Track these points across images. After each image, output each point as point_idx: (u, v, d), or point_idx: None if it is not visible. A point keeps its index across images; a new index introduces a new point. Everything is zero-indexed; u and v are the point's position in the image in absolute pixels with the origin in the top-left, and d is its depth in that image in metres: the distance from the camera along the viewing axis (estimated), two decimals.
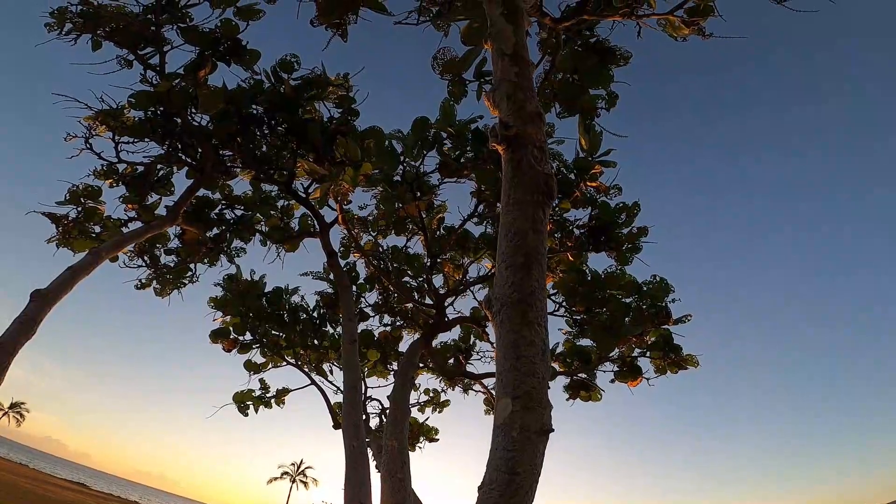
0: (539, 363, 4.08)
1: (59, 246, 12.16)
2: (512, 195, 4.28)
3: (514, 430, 3.74)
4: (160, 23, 11.23)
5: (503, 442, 3.67)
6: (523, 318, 4.12)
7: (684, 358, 11.98)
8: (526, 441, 3.69)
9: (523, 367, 4.00)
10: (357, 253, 12.97)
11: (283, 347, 14.83)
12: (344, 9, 10.14)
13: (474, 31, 9.71)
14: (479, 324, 12.75)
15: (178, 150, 12.14)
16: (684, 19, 9.60)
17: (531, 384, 3.95)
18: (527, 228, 4.13)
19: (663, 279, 11.98)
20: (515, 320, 4.12)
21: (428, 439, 16.90)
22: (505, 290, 4.18)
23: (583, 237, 11.37)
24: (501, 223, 4.31)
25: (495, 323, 4.31)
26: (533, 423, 3.75)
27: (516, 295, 4.14)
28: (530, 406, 3.85)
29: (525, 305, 4.13)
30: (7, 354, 8.40)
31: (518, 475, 3.50)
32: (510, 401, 3.91)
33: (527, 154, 4.36)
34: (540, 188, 4.24)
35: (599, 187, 10.81)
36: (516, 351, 4.05)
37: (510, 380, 3.98)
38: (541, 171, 4.32)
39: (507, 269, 4.14)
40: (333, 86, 11.75)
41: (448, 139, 10.73)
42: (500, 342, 4.15)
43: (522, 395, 3.88)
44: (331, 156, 11.27)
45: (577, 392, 12.99)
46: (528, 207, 4.18)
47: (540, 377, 4.03)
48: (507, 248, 4.17)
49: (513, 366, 4.02)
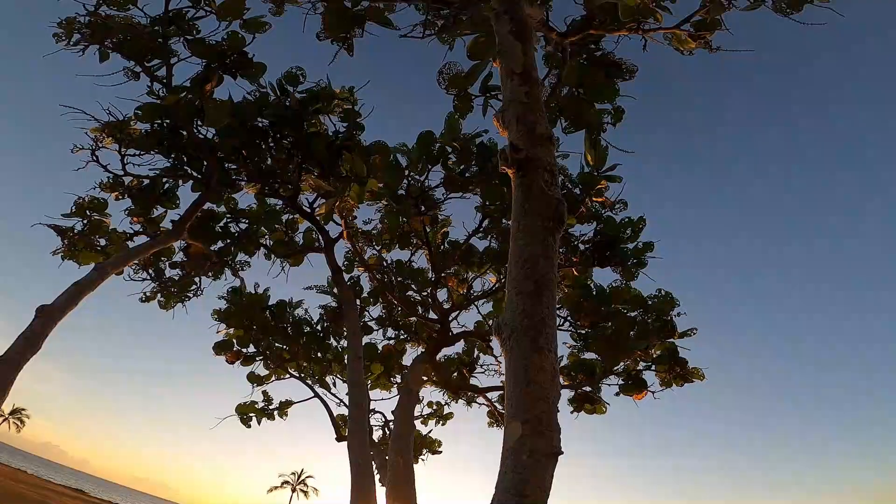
0: (549, 388, 4.07)
1: (64, 258, 12.16)
2: (522, 221, 4.26)
3: (524, 454, 3.73)
4: (167, 35, 11.24)
5: (512, 465, 3.66)
6: (533, 343, 4.10)
7: (690, 371, 11.92)
8: (535, 464, 3.68)
9: (533, 392, 3.99)
10: (361, 267, 12.96)
11: (286, 360, 14.78)
12: (350, 23, 10.15)
13: (480, 45, 9.71)
14: (484, 338, 12.70)
15: (184, 163, 12.13)
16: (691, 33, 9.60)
17: (541, 408, 3.94)
18: (537, 255, 4.11)
19: (668, 293, 11.94)
20: (525, 346, 4.10)
21: (431, 451, 16.83)
22: (515, 316, 4.15)
23: (588, 252, 11.33)
24: (511, 249, 4.28)
25: (505, 348, 4.29)
26: (543, 447, 3.75)
27: (526, 321, 4.12)
28: (540, 430, 3.84)
29: (535, 332, 4.11)
30: (12, 370, 8.39)
31: (527, 497, 3.49)
32: (520, 425, 3.90)
33: (537, 178, 4.34)
34: (550, 214, 4.22)
35: (605, 202, 10.78)
36: (526, 376, 4.03)
37: (520, 404, 3.96)
38: (551, 195, 4.31)
39: (518, 296, 4.12)
40: (339, 99, 11.75)
41: (453, 153, 10.72)
42: (510, 367, 4.13)
43: (532, 419, 3.87)
44: (336, 171, 11.25)
45: (582, 405, 12.92)
46: (538, 233, 4.16)
47: (550, 401, 4.02)
48: (517, 275, 4.15)
49: (523, 391, 4.01)
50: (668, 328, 11.79)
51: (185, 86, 11.47)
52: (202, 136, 11.86)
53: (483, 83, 10.02)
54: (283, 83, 11.71)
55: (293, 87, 11.68)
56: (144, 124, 11.89)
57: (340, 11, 9.99)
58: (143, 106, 11.52)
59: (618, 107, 10.37)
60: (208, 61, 11.40)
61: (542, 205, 4.24)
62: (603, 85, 10.25)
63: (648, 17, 9.63)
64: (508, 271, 4.28)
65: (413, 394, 10.57)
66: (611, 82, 10.30)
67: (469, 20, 9.86)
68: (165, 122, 11.85)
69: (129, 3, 11.18)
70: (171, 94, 11.10)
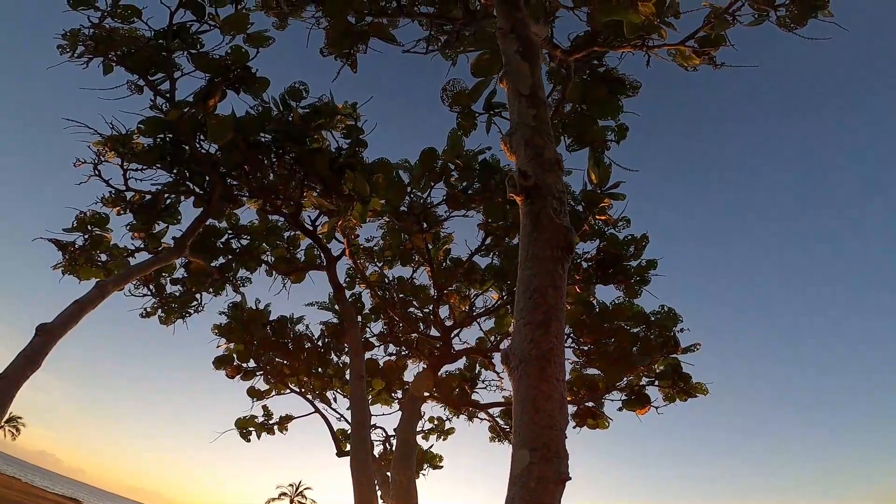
0: (557, 416, 4.05)
1: (64, 273, 12.10)
2: (530, 250, 4.22)
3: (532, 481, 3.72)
4: (171, 49, 11.25)
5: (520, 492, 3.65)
6: (542, 373, 4.08)
7: (693, 386, 11.86)
8: (543, 490, 3.68)
9: (541, 421, 3.97)
10: (363, 284, 12.91)
11: (286, 375, 14.71)
12: (354, 40, 10.15)
13: (484, 62, 9.70)
14: (485, 355, 12.63)
15: (186, 178, 12.10)
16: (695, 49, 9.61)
17: (549, 436, 3.92)
18: (546, 286, 4.07)
19: (671, 309, 11.89)
20: (534, 375, 4.08)
21: (432, 466, 16.73)
22: (524, 346, 4.12)
23: (590, 270, 11.29)
24: (520, 277, 4.24)
25: (513, 377, 4.26)
26: (551, 474, 3.73)
27: (535, 351, 4.09)
28: (548, 457, 3.82)
29: (544, 361, 4.08)
30: (11, 387, 8.34)
31: None
32: (528, 452, 3.88)
33: (546, 206, 4.30)
34: (559, 243, 4.18)
35: (608, 220, 10.74)
36: (535, 405, 4.01)
37: (528, 432, 3.94)
38: (560, 224, 4.27)
39: (526, 327, 4.08)
40: (341, 115, 11.73)
41: (455, 171, 10.69)
42: (518, 395, 4.11)
43: (540, 446, 3.85)
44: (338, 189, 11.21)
45: (584, 420, 12.85)
46: (547, 263, 4.12)
47: (558, 429, 4.00)
48: (525, 305, 4.10)
49: (531, 419, 3.99)
50: (672, 344, 11.74)
51: (188, 101, 11.47)
52: (204, 152, 11.84)
53: (487, 100, 10.00)
54: (286, 98, 11.70)
55: (296, 102, 11.67)
56: (147, 139, 11.87)
57: (344, 26, 10.00)
58: (146, 120, 11.51)
59: (621, 124, 10.36)
60: (212, 76, 11.41)
61: (550, 233, 4.20)
62: (606, 101, 10.24)
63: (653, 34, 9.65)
64: (517, 300, 4.24)
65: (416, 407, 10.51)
66: (614, 98, 10.30)
67: (473, 36, 9.87)
68: (168, 137, 11.83)
69: (133, 16, 11.22)
70: (174, 109, 11.08)
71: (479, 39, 9.69)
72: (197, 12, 11.02)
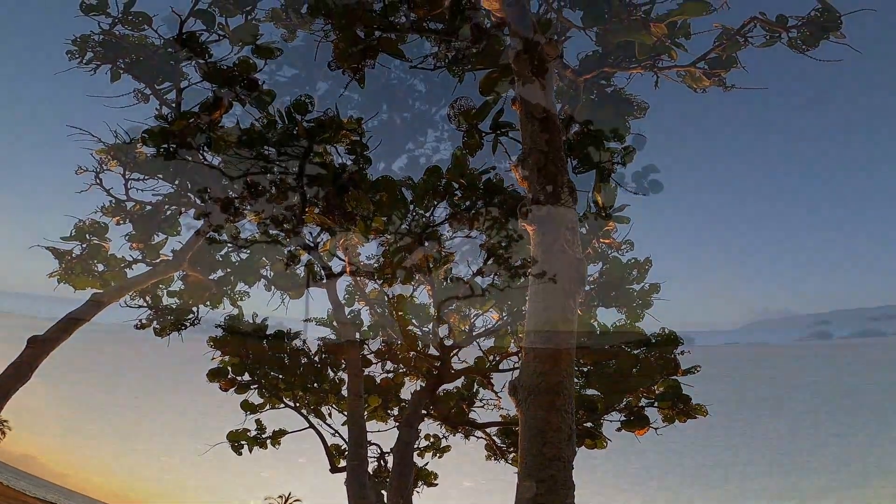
0: (565, 448, 4.01)
1: (60, 281, 11.90)
2: (542, 281, 4.13)
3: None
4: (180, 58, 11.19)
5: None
6: (551, 406, 4.02)
7: (693, 407, 11.75)
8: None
9: (549, 453, 3.93)
10: (362, 301, 12.75)
11: (281, 389, 14.49)
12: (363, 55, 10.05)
13: (492, 81, 9.61)
14: (485, 374, 12.48)
15: (188, 190, 11.98)
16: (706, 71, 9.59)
17: (556, 468, 3.89)
18: (557, 320, 3.98)
19: (672, 332, 11.81)
20: (543, 407, 4.03)
21: (427, 484, 16.49)
22: (533, 379, 4.05)
23: (593, 293, 11.18)
24: (530, 309, 4.15)
25: (521, 409, 4.19)
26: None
27: (544, 385, 4.03)
28: (554, 489, 3.81)
29: (553, 394, 4.03)
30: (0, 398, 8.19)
31: None
32: (534, 484, 3.84)
33: (559, 238, 4.20)
34: (571, 275, 4.09)
35: (612, 244, 10.65)
36: (543, 437, 3.97)
37: (535, 464, 3.90)
38: (573, 255, 4.17)
39: (535, 360, 3.99)
40: (346, 130, 11.60)
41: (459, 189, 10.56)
42: (525, 425, 4.06)
43: (547, 478, 3.82)
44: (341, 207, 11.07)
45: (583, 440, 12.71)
46: (558, 297, 4.03)
47: (565, 461, 3.97)
48: (535, 338, 4.01)
49: (538, 451, 3.94)
50: (672, 366, 11.65)
51: (194, 111, 11.37)
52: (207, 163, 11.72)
53: (494, 120, 9.89)
54: (291, 111, 11.58)
55: (301, 115, 11.56)
56: (151, 148, 11.77)
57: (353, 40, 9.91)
58: (151, 129, 11.39)
59: (628, 146, 10.30)
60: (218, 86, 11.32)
61: (563, 266, 4.11)
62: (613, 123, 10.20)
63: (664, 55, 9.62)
64: (526, 332, 4.16)
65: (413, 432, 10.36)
66: (622, 120, 10.26)
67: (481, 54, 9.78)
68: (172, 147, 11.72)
69: (144, 24, 11.16)
70: (179, 120, 10.99)
71: (487, 55, 9.62)
72: (207, 22, 10.97)
